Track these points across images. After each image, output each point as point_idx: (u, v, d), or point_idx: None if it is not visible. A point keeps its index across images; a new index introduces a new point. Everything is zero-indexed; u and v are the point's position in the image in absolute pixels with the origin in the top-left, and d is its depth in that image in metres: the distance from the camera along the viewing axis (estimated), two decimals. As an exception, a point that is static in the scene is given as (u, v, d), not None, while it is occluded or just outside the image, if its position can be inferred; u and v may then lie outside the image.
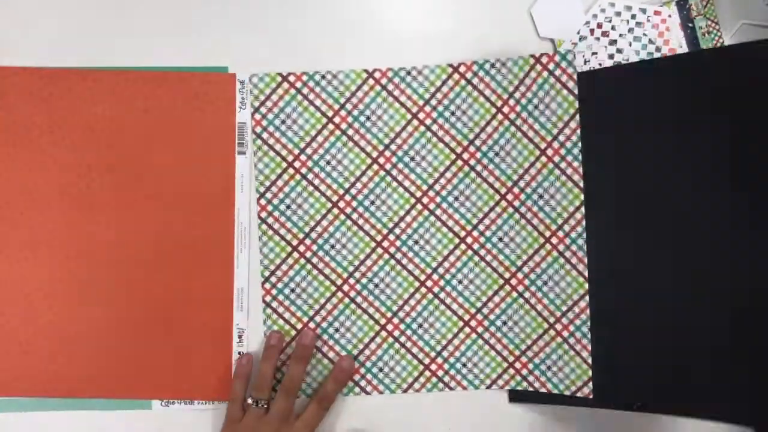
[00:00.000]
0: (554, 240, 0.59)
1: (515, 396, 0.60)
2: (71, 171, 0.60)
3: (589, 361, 0.59)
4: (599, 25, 0.60)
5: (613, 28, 0.60)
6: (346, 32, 0.61)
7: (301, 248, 0.60)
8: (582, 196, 0.58)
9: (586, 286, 0.59)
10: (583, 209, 0.58)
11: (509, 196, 0.59)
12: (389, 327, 0.60)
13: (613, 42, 0.60)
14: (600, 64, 0.60)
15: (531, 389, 0.60)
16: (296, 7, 0.61)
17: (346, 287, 0.60)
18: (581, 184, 0.58)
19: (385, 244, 0.60)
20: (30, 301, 0.60)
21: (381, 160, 0.60)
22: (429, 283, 0.60)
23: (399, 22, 0.61)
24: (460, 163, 0.60)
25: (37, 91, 0.60)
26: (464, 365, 0.60)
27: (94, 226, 0.60)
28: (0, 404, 0.60)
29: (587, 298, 0.59)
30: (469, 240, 0.60)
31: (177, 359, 0.60)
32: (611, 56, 0.60)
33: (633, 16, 0.60)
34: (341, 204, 0.60)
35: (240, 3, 0.61)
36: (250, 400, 0.56)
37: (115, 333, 0.60)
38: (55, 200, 0.60)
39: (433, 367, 0.60)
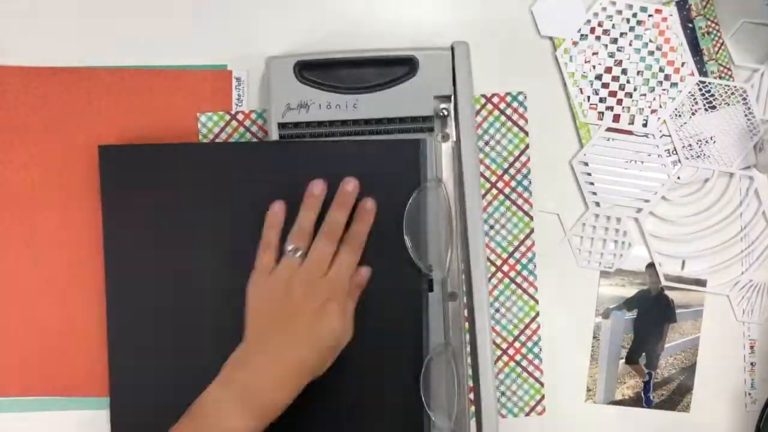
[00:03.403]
0: (505, 267, 0.60)
1: None
2: (68, 170, 0.60)
3: (542, 379, 0.60)
4: (600, 24, 0.60)
5: (613, 26, 0.60)
6: (345, 30, 0.60)
7: None
8: (532, 224, 0.59)
9: (537, 308, 0.60)
10: (533, 236, 0.59)
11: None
12: None
13: (614, 41, 0.60)
14: (600, 63, 0.60)
15: None
16: (296, 6, 0.60)
17: None
18: (531, 213, 0.60)
19: None
20: (29, 301, 0.60)
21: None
22: None
23: (398, 22, 0.61)
24: None
25: (34, 90, 0.59)
26: None
27: (90, 225, 0.59)
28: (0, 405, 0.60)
29: (538, 319, 0.60)
30: None
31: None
32: (612, 55, 0.60)
33: (634, 15, 0.60)
34: None
35: (240, 2, 0.60)
36: (290, 247, 0.51)
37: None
38: (53, 199, 0.59)
39: None
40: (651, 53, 0.60)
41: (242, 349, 0.49)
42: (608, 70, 0.60)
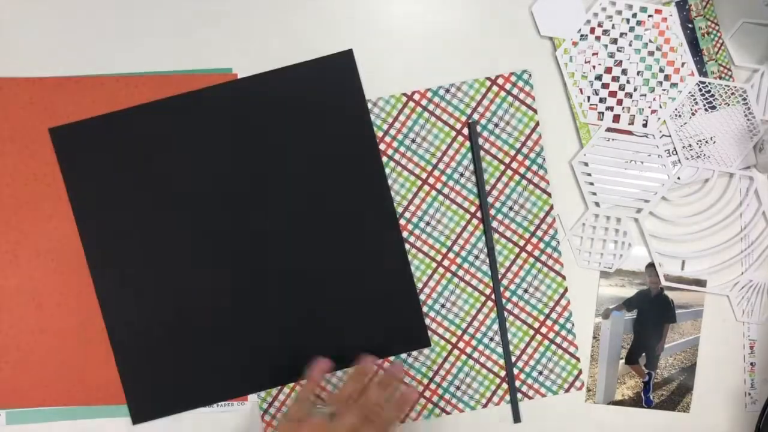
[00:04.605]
0: (529, 247, 0.60)
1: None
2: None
3: (578, 354, 0.60)
4: (600, 24, 0.60)
5: (613, 26, 0.60)
6: (348, 31, 0.60)
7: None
8: (550, 201, 0.60)
9: (565, 284, 0.60)
10: (553, 212, 0.60)
11: (479, 214, 0.60)
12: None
13: (614, 41, 0.60)
14: (600, 64, 0.60)
15: (527, 399, 0.60)
16: (297, 7, 0.60)
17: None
18: (548, 190, 0.60)
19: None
20: (42, 310, 0.60)
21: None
22: None
23: (398, 21, 0.61)
24: (426, 188, 0.60)
25: (40, 100, 0.59)
26: (458, 388, 0.60)
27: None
28: (15, 416, 0.60)
29: (567, 295, 0.60)
30: (445, 263, 0.60)
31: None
32: (611, 55, 0.60)
33: (634, 15, 0.60)
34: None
35: (243, 4, 0.60)
36: (319, 406, 0.56)
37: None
38: (63, 208, 0.60)
39: (427, 393, 0.60)
40: (651, 53, 0.60)
41: None
42: (608, 70, 0.60)
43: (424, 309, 0.60)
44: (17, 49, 0.60)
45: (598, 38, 0.60)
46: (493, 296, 0.60)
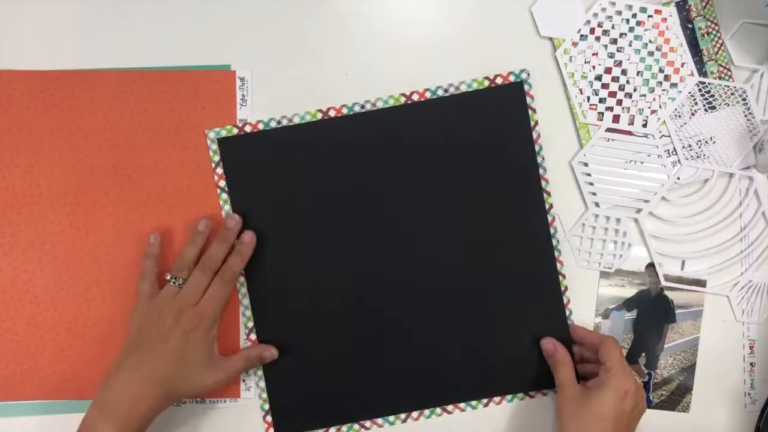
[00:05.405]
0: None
1: None
2: (74, 172, 0.60)
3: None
4: (600, 25, 0.60)
5: (613, 27, 0.60)
6: (346, 29, 0.60)
7: None
8: (550, 200, 0.60)
9: (565, 282, 0.60)
10: (552, 211, 0.60)
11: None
12: None
13: (613, 41, 0.60)
14: (600, 64, 0.60)
15: (528, 398, 0.60)
16: (296, 5, 0.61)
17: None
18: (548, 189, 0.60)
19: None
20: (36, 303, 0.60)
21: None
22: None
23: (398, 21, 0.61)
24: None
25: (38, 93, 0.60)
26: None
27: (97, 226, 0.60)
28: (8, 409, 0.60)
29: (567, 294, 0.60)
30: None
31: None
32: (611, 55, 0.60)
33: (634, 15, 0.60)
34: None
35: (242, 1, 0.60)
36: (168, 276, 0.56)
37: (120, 332, 0.60)
38: (59, 201, 0.60)
39: None
40: (651, 54, 0.60)
41: (108, 369, 0.54)
42: (608, 70, 0.60)
43: None
44: (17, 46, 0.60)
45: (597, 38, 0.60)
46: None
